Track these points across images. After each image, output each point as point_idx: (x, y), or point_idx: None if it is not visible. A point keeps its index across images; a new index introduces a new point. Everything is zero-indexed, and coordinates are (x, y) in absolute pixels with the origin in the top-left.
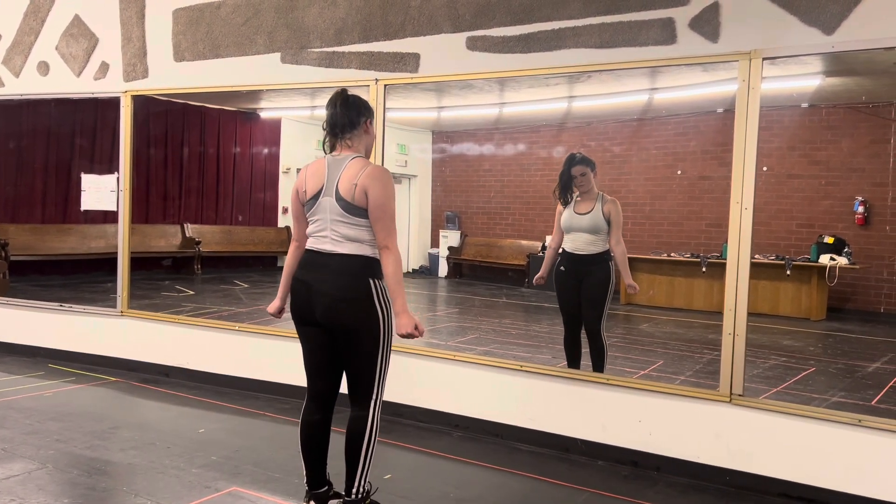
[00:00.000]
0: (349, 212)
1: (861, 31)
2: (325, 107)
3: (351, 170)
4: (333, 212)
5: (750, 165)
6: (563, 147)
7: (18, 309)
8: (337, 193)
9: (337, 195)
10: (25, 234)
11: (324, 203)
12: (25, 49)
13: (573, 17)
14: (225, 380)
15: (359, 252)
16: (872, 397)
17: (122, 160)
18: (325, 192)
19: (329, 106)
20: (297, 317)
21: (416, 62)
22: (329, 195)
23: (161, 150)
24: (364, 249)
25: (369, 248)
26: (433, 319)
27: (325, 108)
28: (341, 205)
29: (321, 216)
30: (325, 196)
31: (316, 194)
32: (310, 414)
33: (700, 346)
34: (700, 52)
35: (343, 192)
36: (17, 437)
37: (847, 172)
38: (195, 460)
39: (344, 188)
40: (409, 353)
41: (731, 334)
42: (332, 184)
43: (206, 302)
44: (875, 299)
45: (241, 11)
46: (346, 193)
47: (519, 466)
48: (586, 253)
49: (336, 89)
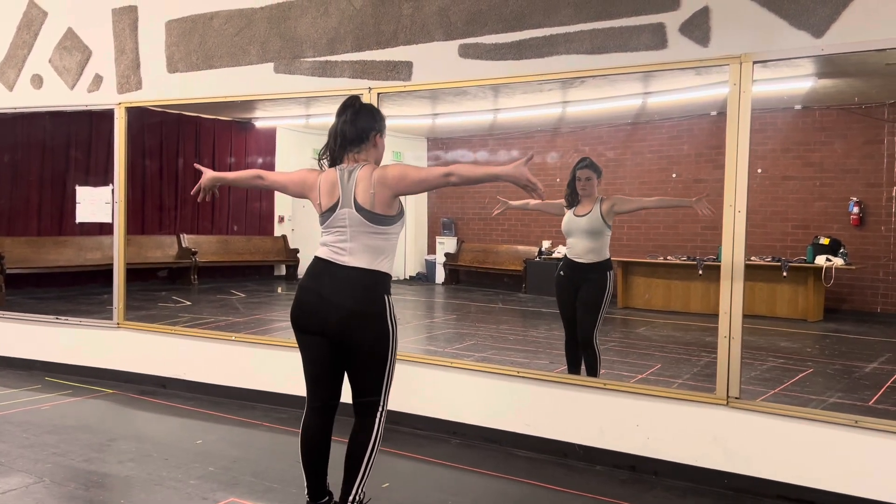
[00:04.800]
0: (372, 221)
1: (850, 34)
2: (336, 113)
3: (364, 179)
4: (355, 223)
5: (742, 168)
6: (558, 152)
7: (15, 322)
8: (357, 204)
9: (357, 206)
10: (21, 247)
11: (342, 214)
12: (19, 62)
13: (564, 24)
14: (222, 390)
15: (376, 267)
16: (870, 398)
17: (116, 172)
18: (342, 204)
19: (339, 113)
20: (300, 326)
21: (409, 70)
22: (348, 206)
23: (156, 160)
24: (382, 265)
25: (387, 263)
26: (430, 326)
27: (336, 114)
28: (364, 215)
29: (340, 227)
30: (342, 208)
31: (332, 207)
32: (311, 424)
33: (697, 349)
34: (691, 57)
35: (362, 202)
36: (14, 451)
37: (841, 173)
38: (193, 472)
39: (363, 198)
40: (406, 361)
41: (727, 337)
42: (349, 196)
43: (202, 312)
44: (871, 300)
45: (233, 22)
46: (365, 202)
47: (517, 473)
48: (585, 261)
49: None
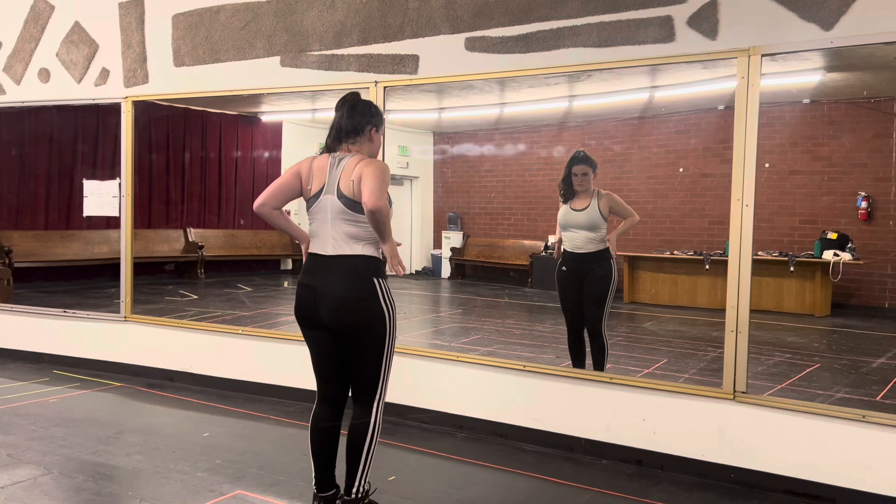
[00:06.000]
0: (352, 209)
1: (860, 26)
2: (335, 108)
3: (349, 167)
4: (335, 210)
5: (750, 162)
6: (564, 146)
7: (23, 315)
8: (339, 191)
9: (339, 193)
10: (29, 241)
11: (324, 202)
12: (26, 56)
13: (571, 17)
14: (229, 384)
15: (362, 252)
16: (877, 393)
17: (123, 166)
18: (325, 191)
19: (337, 108)
20: (303, 321)
21: (415, 64)
22: (330, 193)
23: (163, 154)
24: (367, 249)
25: (372, 248)
26: (436, 321)
27: (335, 109)
28: (343, 202)
29: (321, 216)
30: (325, 195)
31: (317, 192)
32: (320, 417)
33: (704, 343)
34: (699, 50)
35: (345, 189)
36: (23, 443)
37: (849, 168)
38: (200, 464)
39: (345, 185)
40: (412, 355)
41: (734, 331)
42: (333, 183)
43: (209, 306)
44: (879, 294)
45: (239, 16)
46: (347, 190)
47: (523, 466)
48: (586, 251)
49: (344, 90)
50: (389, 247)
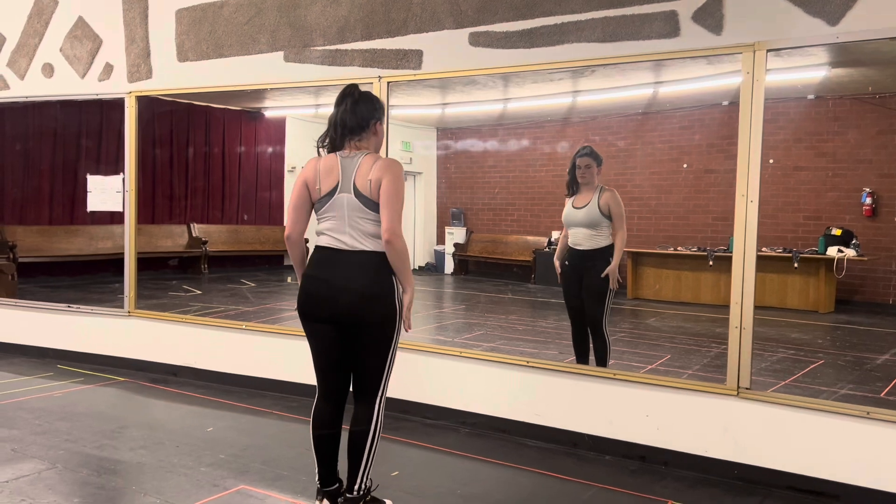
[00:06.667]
0: (370, 207)
1: (866, 21)
2: (334, 102)
3: (364, 166)
4: (352, 208)
5: (755, 158)
6: (568, 142)
7: (27, 310)
8: (355, 189)
9: (355, 191)
10: (33, 236)
11: (340, 199)
12: (30, 51)
13: (576, 12)
14: (233, 378)
15: (381, 249)
16: (881, 389)
17: (127, 161)
18: (341, 189)
19: (338, 103)
20: (308, 314)
21: (419, 59)
22: (347, 192)
23: (166, 150)
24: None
25: None
26: (440, 316)
27: (334, 103)
28: (361, 201)
29: (337, 213)
30: (341, 193)
31: (331, 191)
32: (322, 412)
33: (707, 339)
34: (703, 45)
35: (361, 188)
36: (27, 438)
37: (854, 164)
38: (203, 459)
39: (361, 184)
40: (416, 351)
41: (738, 328)
42: (348, 181)
43: (213, 301)
44: (884, 291)
45: (243, 11)
46: (363, 189)
47: (526, 462)
48: (587, 248)
49: (345, 84)
50: (408, 297)
